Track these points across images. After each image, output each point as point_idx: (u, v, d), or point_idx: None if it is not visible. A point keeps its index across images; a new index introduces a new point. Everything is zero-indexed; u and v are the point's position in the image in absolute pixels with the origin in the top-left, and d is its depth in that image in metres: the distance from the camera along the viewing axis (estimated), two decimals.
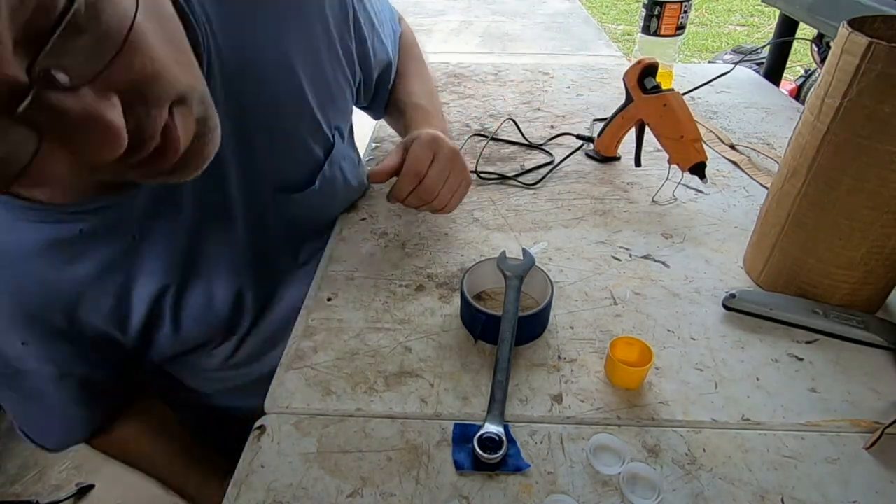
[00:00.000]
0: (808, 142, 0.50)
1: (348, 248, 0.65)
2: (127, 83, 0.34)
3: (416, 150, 0.59)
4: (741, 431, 0.44)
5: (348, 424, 0.44)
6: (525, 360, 0.50)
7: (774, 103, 1.05)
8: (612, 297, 0.57)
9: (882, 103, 0.44)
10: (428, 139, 0.60)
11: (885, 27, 0.50)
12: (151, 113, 0.36)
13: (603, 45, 2.77)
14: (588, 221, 0.69)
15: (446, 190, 0.61)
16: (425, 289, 0.58)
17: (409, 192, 0.60)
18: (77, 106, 0.31)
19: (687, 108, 0.69)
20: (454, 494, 0.39)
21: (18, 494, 1.26)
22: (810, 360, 0.50)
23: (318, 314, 0.55)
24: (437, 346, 0.51)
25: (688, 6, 0.98)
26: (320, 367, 0.49)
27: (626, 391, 0.47)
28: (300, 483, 0.40)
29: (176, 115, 0.38)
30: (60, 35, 0.29)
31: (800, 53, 4.07)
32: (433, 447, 0.42)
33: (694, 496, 0.39)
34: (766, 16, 5.53)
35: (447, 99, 1.07)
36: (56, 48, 0.29)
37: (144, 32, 0.34)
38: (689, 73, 1.18)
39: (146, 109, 0.36)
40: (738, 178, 0.79)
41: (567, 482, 0.40)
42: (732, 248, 0.64)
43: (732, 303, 0.54)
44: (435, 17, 3.47)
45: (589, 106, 1.03)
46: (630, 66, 0.74)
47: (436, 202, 0.61)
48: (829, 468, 0.41)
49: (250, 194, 0.57)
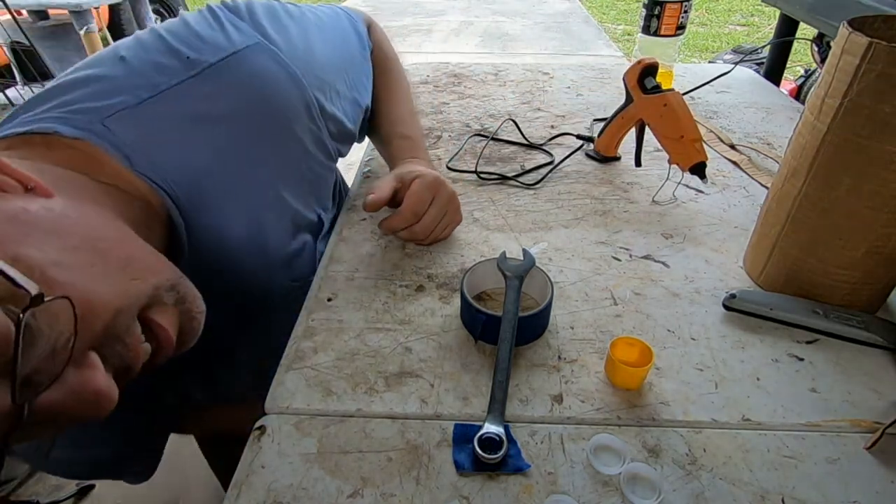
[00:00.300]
0: (809, 142, 0.50)
1: (348, 248, 0.65)
2: (96, 337, 0.36)
3: (417, 191, 0.61)
4: (741, 431, 0.44)
5: (349, 425, 0.44)
6: (525, 361, 0.50)
7: (774, 103, 1.05)
8: (612, 298, 0.57)
9: (882, 103, 0.44)
10: (431, 181, 0.62)
11: (886, 27, 0.50)
12: (127, 342, 0.38)
13: (603, 45, 2.77)
14: (588, 221, 0.69)
15: (438, 230, 0.64)
16: (425, 289, 0.58)
17: (403, 229, 0.62)
18: (64, 392, 0.34)
19: (687, 108, 0.69)
20: (454, 495, 0.39)
21: (19, 494, 1.26)
22: (811, 361, 0.50)
23: (318, 314, 0.55)
24: (437, 347, 0.51)
25: (688, 6, 0.98)
26: (320, 368, 0.49)
27: (626, 391, 0.47)
28: (300, 483, 0.40)
29: (154, 315, 0.41)
30: (23, 352, 0.31)
31: (800, 53, 4.07)
32: (433, 447, 0.42)
33: (694, 496, 0.39)
34: (766, 16, 5.53)
35: (447, 99, 1.07)
36: (23, 363, 0.31)
37: (92, 291, 0.36)
38: (689, 73, 1.18)
39: (122, 341, 0.38)
40: (739, 178, 0.79)
41: (567, 482, 0.40)
42: (732, 248, 0.64)
43: (733, 303, 0.54)
44: (435, 17, 3.47)
45: (589, 106, 1.03)
46: (630, 66, 0.74)
47: (425, 241, 0.64)
48: (829, 468, 0.41)
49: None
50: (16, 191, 0.39)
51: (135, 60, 0.51)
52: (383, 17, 3.62)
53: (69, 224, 0.39)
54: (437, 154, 0.86)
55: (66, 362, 0.33)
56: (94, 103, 0.48)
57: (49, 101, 0.48)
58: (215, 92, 0.53)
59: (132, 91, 0.49)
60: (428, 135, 0.93)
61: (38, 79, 2.07)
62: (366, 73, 0.74)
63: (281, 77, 0.57)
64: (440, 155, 0.86)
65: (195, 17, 0.56)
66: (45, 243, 0.36)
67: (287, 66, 0.57)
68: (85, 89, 0.49)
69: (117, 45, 0.53)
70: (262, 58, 0.56)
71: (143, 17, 2.63)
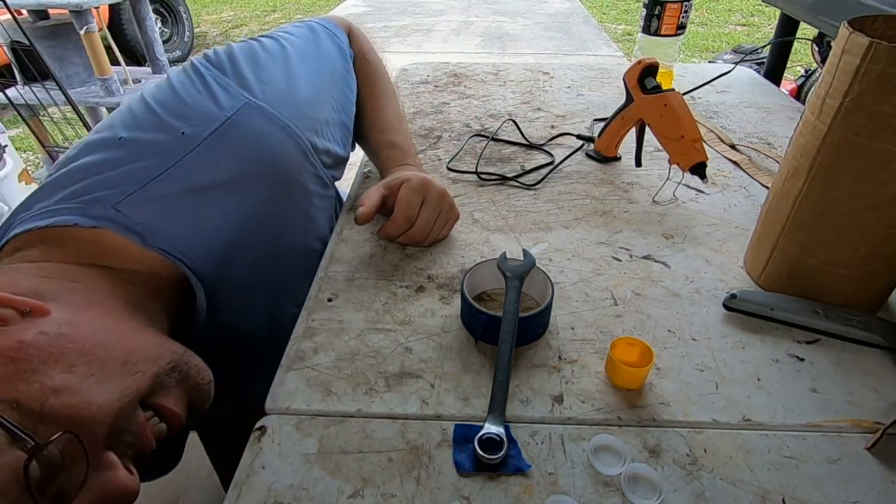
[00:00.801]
0: (809, 142, 0.50)
1: (349, 248, 0.65)
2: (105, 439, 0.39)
3: (406, 196, 0.62)
4: (742, 432, 0.44)
5: (349, 425, 0.44)
6: (526, 361, 0.50)
7: (775, 103, 1.05)
8: (612, 298, 0.57)
9: (883, 103, 0.44)
10: (418, 184, 0.63)
11: (886, 27, 0.50)
12: (135, 432, 0.42)
13: (603, 44, 2.77)
14: (588, 222, 0.69)
15: (434, 230, 0.64)
16: (426, 290, 0.58)
17: (399, 235, 0.63)
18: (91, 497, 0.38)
19: (687, 108, 0.69)
20: (455, 495, 0.39)
21: None
22: (811, 361, 0.50)
23: (318, 315, 0.55)
24: (437, 347, 0.51)
25: (688, 6, 0.98)
26: (321, 368, 0.49)
27: (626, 392, 0.47)
28: (301, 484, 0.40)
29: (159, 400, 0.45)
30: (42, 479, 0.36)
31: (800, 53, 4.07)
32: (434, 448, 0.42)
33: (695, 497, 0.39)
34: (767, 16, 5.53)
35: (447, 99, 1.07)
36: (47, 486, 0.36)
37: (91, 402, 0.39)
38: (689, 73, 1.18)
39: (129, 432, 0.42)
40: (739, 178, 0.79)
41: (568, 483, 0.40)
42: (733, 248, 0.64)
43: (733, 303, 0.54)
44: (435, 17, 3.47)
45: (589, 106, 1.03)
46: (630, 66, 0.74)
47: (424, 242, 0.65)
48: (830, 468, 0.41)
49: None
50: (13, 320, 0.41)
51: (133, 143, 0.54)
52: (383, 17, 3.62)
53: (66, 343, 0.41)
54: (437, 154, 0.86)
55: (86, 471, 0.37)
56: (104, 191, 0.51)
57: (60, 191, 0.51)
58: (214, 163, 0.55)
59: (137, 175, 0.52)
60: (428, 135, 0.93)
61: (38, 79, 2.07)
62: (350, 87, 0.75)
63: (273, 132, 0.59)
64: (440, 155, 0.86)
65: (181, 81, 0.58)
66: (43, 374, 0.39)
67: (278, 120, 0.60)
68: (94, 178, 0.52)
69: (113, 122, 0.56)
70: (253, 119, 0.58)
71: (143, 17, 2.63)
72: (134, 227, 0.51)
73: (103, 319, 0.46)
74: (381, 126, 0.76)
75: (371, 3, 4.07)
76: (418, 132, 0.94)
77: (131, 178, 0.52)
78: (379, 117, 0.77)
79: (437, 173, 0.81)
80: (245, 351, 0.65)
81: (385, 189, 0.64)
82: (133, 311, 0.49)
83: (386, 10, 3.70)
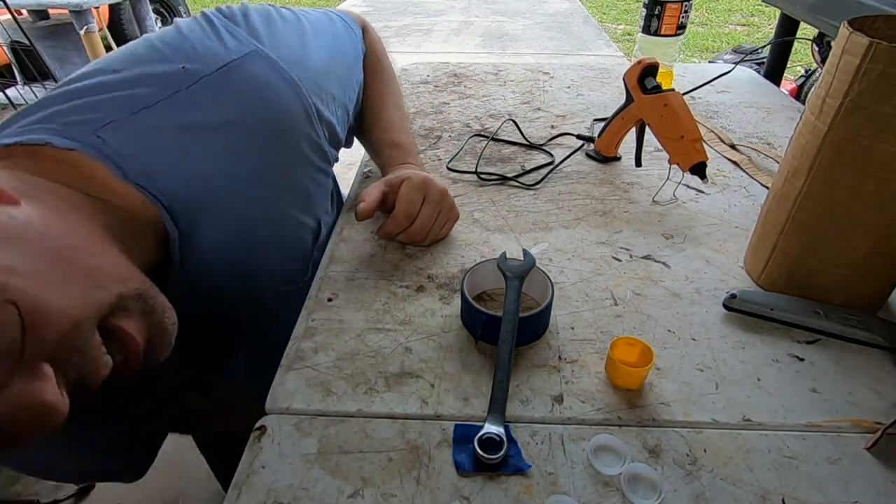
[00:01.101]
0: (809, 142, 0.50)
1: (349, 248, 0.65)
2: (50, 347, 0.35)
3: (408, 193, 0.62)
4: (742, 432, 0.44)
5: (349, 425, 0.44)
6: (526, 361, 0.50)
7: (775, 103, 1.05)
8: (612, 298, 0.57)
9: (883, 103, 0.44)
10: (419, 182, 0.62)
11: (886, 27, 0.50)
12: (85, 353, 0.37)
13: (603, 44, 2.77)
14: (588, 222, 0.69)
15: (435, 229, 0.64)
16: (426, 289, 0.58)
17: (399, 233, 0.63)
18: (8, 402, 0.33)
19: (687, 108, 0.69)
20: (455, 495, 0.39)
21: (19, 494, 1.26)
22: (811, 361, 0.50)
23: (318, 315, 0.55)
24: (437, 347, 0.51)
25: (688, 6, 0.98)
26: (321, 368, 0.49)
27: (626, 392, 0.47)
28: (301, 484, 0.40)
29: (118, 321, 0.40)
30: None
31: (800, 53, 4.07)
32: (434, 448, 0.42)
33: (695, 497, 0.39)
34: (767, 16, 5.53)
35: (447, 99, 1.07)
36: None
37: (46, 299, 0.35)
38: (689, 73, 1.18)
39: (80, 352, 0.37)
40: (739, 178, 0.79)
41: (568, 483, 0.40)
42: (733, 248, 0.64)
43: (733, 303, 0.54)
44: (435, 17, 3.47)
45: (589, 106, 1.03)
46: (630, 66, 0.74)
47: (424, 241, 0.64)
48: (830, 468, 0.41)
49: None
50: None
51: (129, 72, 0.50)
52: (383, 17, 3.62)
53: (31, 231, 0.38)
54: (437, 154, 0.86)
55: (12, 371, 0.33)
56: (87, 115, 0.47)
57: (40, 111, 0.48)
58: (212, 101, 0.52)
59: (127, 102, 0.48)
60: (428, 135, 0.93)
61: (38, 79, 2.07)
62: (357, 79, 0.74)
63: (279, 83, 0.56)
64: (440, 155, 0.86)
65: (189, 25, 0.55)
66: (2, 252, 0.35)
67: (285, 73, 0.57)
68: (77, 101, 0.48)
69: (111, 58, 0.53)
70: (259, 65, 0.55)
71: (144, 17, 2.63)
72: (115, 156, 0.47)
73: (76, 228, 0.42)
74: (385, 125, 0.76)
75: (371, 3, 4.07)
76: (418, 132, 0.94)
77: (120, 105, 0.48)
78: (384, 116, 0.77)
79: (437, 173, 0.81)
80: (216, 322, 0.60)
81: (386, 186, 0.63)
82: (111, 240, 0.45)
83: (386, 10, 3.70)
